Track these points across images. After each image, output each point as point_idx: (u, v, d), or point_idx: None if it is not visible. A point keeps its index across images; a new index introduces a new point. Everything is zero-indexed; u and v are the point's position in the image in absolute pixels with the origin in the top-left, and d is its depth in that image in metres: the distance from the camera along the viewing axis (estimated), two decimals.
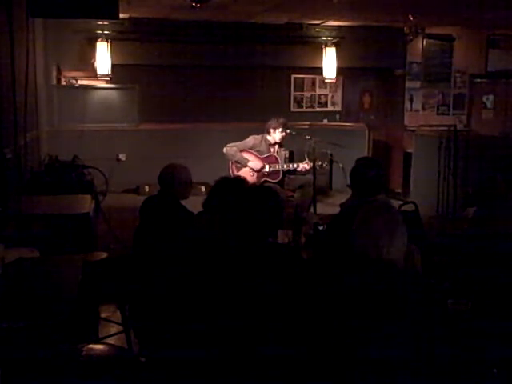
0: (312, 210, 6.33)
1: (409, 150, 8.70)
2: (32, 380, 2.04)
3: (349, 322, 2.27)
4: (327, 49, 9.38)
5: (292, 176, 6.69)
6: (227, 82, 9.21)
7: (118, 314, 3.86)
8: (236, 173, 6.49)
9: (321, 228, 3.81)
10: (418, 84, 9.92)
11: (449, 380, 2.24)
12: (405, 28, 9.31)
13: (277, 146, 6.60)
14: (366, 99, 10.23)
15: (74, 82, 8.55)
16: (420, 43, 9.74)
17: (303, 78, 9.81)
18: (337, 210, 3.83)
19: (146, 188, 8.13)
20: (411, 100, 9.95)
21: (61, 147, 6.94)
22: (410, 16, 8.04)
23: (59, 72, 8.42)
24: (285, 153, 6.74)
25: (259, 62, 9.18)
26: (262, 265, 2.53)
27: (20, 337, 2.38)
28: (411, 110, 9.98)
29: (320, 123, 9.55)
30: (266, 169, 6.50)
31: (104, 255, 3.92)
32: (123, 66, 8.54)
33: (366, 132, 9.07)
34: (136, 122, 8.56)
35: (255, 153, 6.53)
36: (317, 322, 2.37)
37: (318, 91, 9.91)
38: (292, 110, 9.76)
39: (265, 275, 2.49)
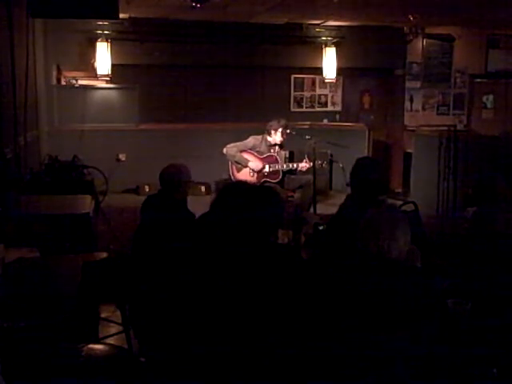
0: (312, 210, 6.33)
1: (409, 150, 8.70)
2: (32, 380, 2.04)
3: (349, 320, 2.27)
4: (327, 49, 9.38)
5: (292, 176, 6.69)
6: (227, 81, 9.22)
7: (118, 313, 3.86)
8: (236, 173, 6.49)
9: (321, 228, 3.81)
10: (418, 84, 9.93)
11: (449, 380, 2.24)
12: (405, 28, 9.33)
13: (277, 147, 6.60)
14: (366, 99, 10.23)
15: (74, 82, 8.56)
16: (420, 43, 9.74)
17: (303, 77, 9.81)
18: (337, 210, 3.82)
19: (146, 188, 8.13)
20: (411, 100, 9.96)
21: (61, 147, 6.94)
22: (410, 16, 8.04)
23: (59, 72, 8.43)
24: (285, 153, 6.74)
25: (259, 62, 9.18)
26: (263, 264, 2.53)
27: (20, 337, 2.38)
28: (411, 110, 9.98)
29: (320, 123, 9.55)
30: (266, 169, 6.50)
31: (104, 255, 3.91)
32: (123, 65, 8.55)
33: (366, 132, 9.06)
34: (136, 122, 8.56)
35: (255, 153, 6.52)
36: (317, 322, 2.37)
37: (318, 91, 9.91)
38: (292, 109, 9.76)
39: (265, 275, 2.49)
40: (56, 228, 4.07)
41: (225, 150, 6.50)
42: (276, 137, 6.50)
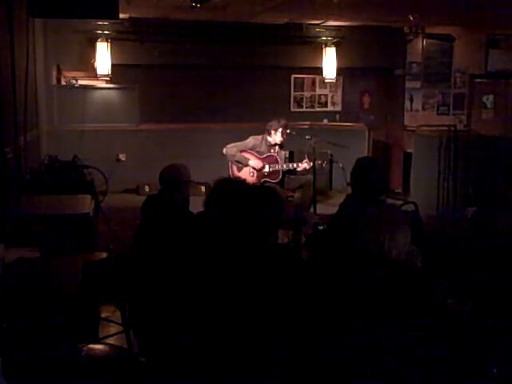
0: (312, 209, 6.33)
1: (409, 150, 8.70)
2: (32, 380, 2.04)
3: (349, 320, 2.27)
4: (327, 49, 9.38)
5: (292, 176, 6.68)
6: (227, 81, 9.22)
7: (118, 313, 3.86)
8: (236, 173, 6.48)
9: (321, 228, 3.81)
10: (418, 84, 9.92)
11: (449, 380, 2.24)
12: (405, 28, 9.33)
13: (277, 147, 6.60)
14: (366, 99, 10.23)
15: (74, 82, 8.56)
16: (420, 43, 9.74)
17: (303, 77, 9.81)
18: (337, 210, 3.82)
19: (146, 188, 8.13)
20: (411, 100, 9.95)
21: (61, 147, 6.93)
22: (410, 16, 8.04)
23: (59, 72, 8.43)
24: (285, 153, 6.74)
25: (259, 62, 9.18)
26: (262, 264, 2.53)
27: (20, 337, 2.38)
28: (411, 110, 9.98)
29: (320, 123, 9.55)
30: (266, 169, 6.50)
31: (104, 255, 3.91)
32: (123, 65, 8.54)
33: (366, 132, 9.07)
34: (136, 122, 8.56)
35: (255, 153, 6.52)
36: (316, 322, 2.37)
37: (318, 91, 9.91)
38: (292, 109, 9.76)
39: (265, 275, 2.49)
40: (56, 228, 4.07)
41: (225, 150, 6.50)
42: (276, 137, 6.50)
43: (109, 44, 8.34)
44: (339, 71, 9.52)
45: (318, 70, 9.51)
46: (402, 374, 2.18)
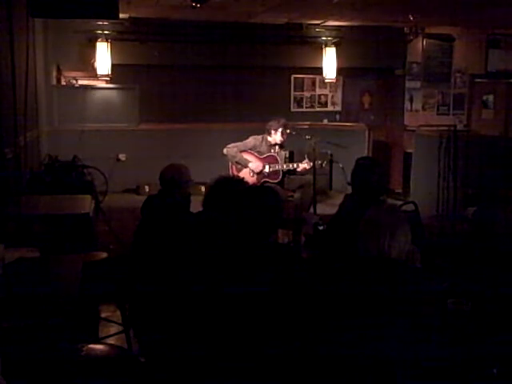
0: (312, 210, 6.32)
1: (409, 150, 8.70)
2: (32, 380, 2.04)
3: (349, 320, 2.27)
4: (327, 49, 9.38)
5: (292, 176, 6.68)
6: (227, 82, 9.22)
7: (118, 313, 3.86)
8: (236, 173, 6.48)
9: (321, 228, 3.81)
10: (418, 84, 9.92)
11: (448, 380, 2.24)
12: (405, 28, 9.33)
13: (277, 147, 6.60)
14: (366, 99, 10.23)
15: (74, 82, 8.55)
16: (420, 43, 9.74)
17: (303, 77, 9.81)
18: (337, 210, 3.82)
19: (146, 188, 8.13)
20: (411, 100, 9.95)
21: (61, 147, 6.93)
22: (410, 16, 8.04)
23: (59, 72, 8.43)
24: (285, 153, 6.73)
25: (259, 62, 9.18)
26: (262, 264, 2.53)
27: (20, 337, 2.38)
28: (411, 110, 9.98)
29: (320, 123, 9.55)
30: (266, 169, 6.50)
31: (104, 255, 3.92)
32: (123, 65, 8.54)
33: (366, 132, 9.06)
34: (136, 122, 8.55)
35: (255, 153, 6.52)
36: (316, 321, 2.37)
37: (318, 91, 9.91)
38: (292, 109, 9.76)
39: (265, 275, 2.49)
40: (56, 228, 4.07)
41: (225, 151, 6.50)
42: (276, 137, 6.50)
43: (109, 44, 8.34)
44: (339, 71, 9.51)
45: (318, 70, 9.51)
46: (402, 373, 2.19)
